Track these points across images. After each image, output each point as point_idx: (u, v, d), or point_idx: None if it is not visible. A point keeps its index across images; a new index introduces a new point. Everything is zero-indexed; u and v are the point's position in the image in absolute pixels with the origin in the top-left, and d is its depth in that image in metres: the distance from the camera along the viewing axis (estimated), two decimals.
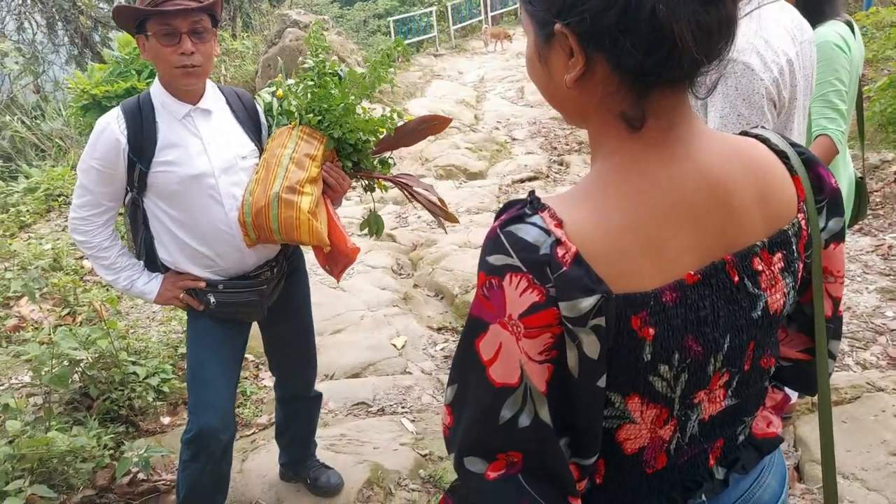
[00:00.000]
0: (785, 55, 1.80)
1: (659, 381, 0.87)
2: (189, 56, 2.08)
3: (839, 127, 2.25)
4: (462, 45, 16.01)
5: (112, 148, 2.11)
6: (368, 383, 3.78)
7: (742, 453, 1.05)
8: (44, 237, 5.42)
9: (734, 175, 0.89)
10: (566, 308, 0.79)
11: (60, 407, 3.22)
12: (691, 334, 0.86)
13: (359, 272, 5.17)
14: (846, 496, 2.52)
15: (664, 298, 0.83)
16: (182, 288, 2.27)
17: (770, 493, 1.09)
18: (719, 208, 0.88)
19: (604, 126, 0.89)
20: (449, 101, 10.27)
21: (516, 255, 0.80)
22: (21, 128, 8.69)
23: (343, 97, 2.25)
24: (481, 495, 0.89)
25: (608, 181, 0.86)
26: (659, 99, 0.85)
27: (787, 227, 0.94)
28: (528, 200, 0.85)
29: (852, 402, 3.00)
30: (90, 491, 2.80)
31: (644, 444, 0.93)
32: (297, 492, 2.87)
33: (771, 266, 0.92)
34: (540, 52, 0.90)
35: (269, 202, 2.14)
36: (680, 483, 0.99)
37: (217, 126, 2.24)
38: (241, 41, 11.62)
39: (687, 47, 0.78)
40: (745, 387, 0.98)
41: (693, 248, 0.86)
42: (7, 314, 4.38)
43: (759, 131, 1.00)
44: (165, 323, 4.28)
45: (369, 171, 2.43)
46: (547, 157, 7.88)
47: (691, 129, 0.89)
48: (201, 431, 2.27)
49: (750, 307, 0.91)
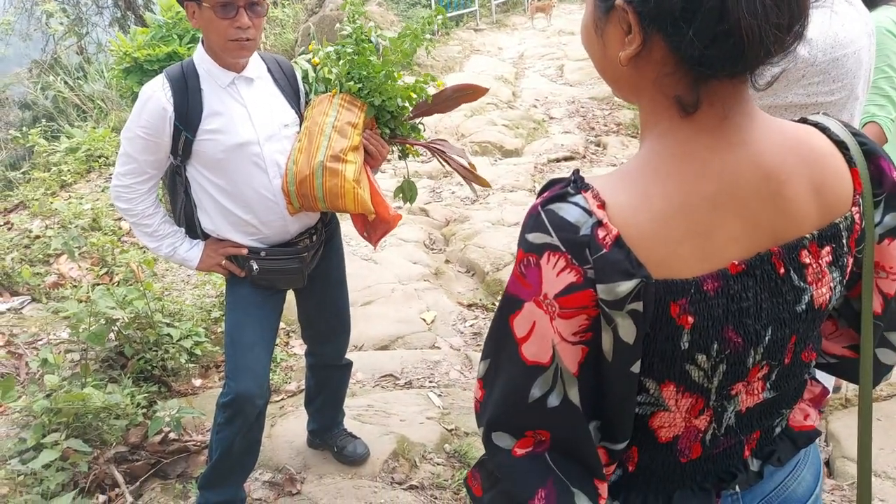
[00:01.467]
0: (852, 45, 1.74)
1: (696, 371, 0.86)
2: (245, 30, 2.08)
3: (889, 114, 2.19)
4: (503, 20, 15.81)
5: (158, 116, 2.11)
6: (397, 356, 3.81)
7: (778, 445, 1.04)
8: (84, 197, 5.51)
9: (789, 165, 0.87)
10: (603, 291, 0.78)
11: (96, 364, 3.29)
12: (732, 325, 0.84)
13: (391, 245, 5.19)
14: (877, 494, 2.48)
15: (705, 287, 0.82)
16: (224, 255, 2.29)
17: (805, 486, 1.08)
18: (770, 198, 0.85)
19: (656, 106, 0.87)
20: (487, 77, 10.16)
21: (556, 235, 0.79)
22: (64, 88, 8.80)
23: (384, 64, 2.24)
24: (508, 470, 0.89)
25: (657, 164, 0.85)
26: (716, 86, 0.82)
27: (839, 220, 0.91)
28: (572, 179, 0.83)
29: (888, 400, 2.95)
30: (123, 447, 2.87)
31: (678, 433, 0.92)
32: (324, 459, 2.91)
33: (819, 259, 0.90)
34: (597, 23, 0.88)
35: (314, 171, 2.15)
36: (714, 473, 0.98)
37: (260, 94, 2.24)
38: (281, 9, 11.61)
39: (754, 43, 0.75)
40: (785, 380, 0.97)
41: (740, 237, 0.84)
42: (47, 271, 4.47)
43: (819, 118, 0.97)
44: (200, 287, 4.34)
45: (404, 138, 2.44)
46: (584, 138, 7.79)
47: (747, 116, 0.86)
48: (238, 396, 2.30)
49: (794, 300, 0.89)
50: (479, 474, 0.98)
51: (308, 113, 2.28)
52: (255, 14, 2.09)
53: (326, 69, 2.33)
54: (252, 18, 2.08)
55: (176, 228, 2.33)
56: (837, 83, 1.74)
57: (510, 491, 0.90)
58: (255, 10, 2.09)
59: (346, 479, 2.80)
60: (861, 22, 1.80)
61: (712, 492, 0.98)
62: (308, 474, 2.84)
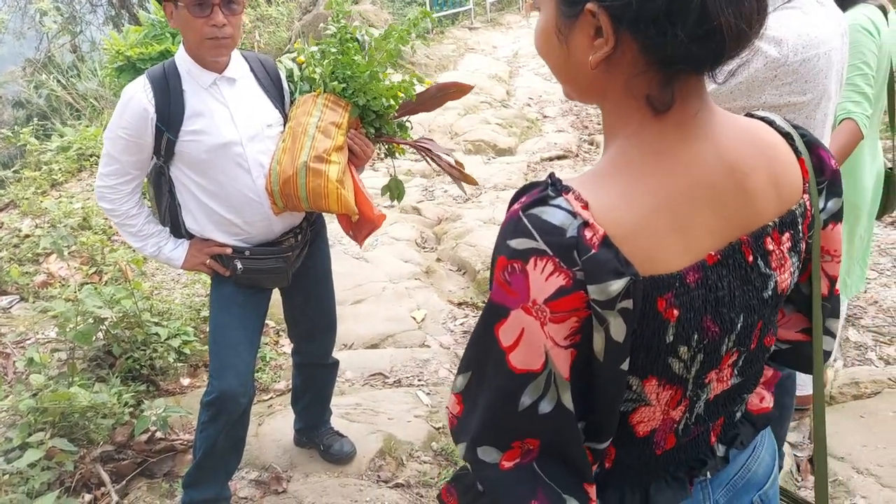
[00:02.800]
0: (824, 45, 1.75)
1: (677, 363, 0.87)
2: (220, 28, 2.07)
3: (865, 111, 2.20)
4: (497, 18, 15.80)
5: (140, 117, 2.11)
6: (386, 354, 3.81)
7: (740, 430, 1.07)
8: (74, 196, 5.50)
9: (748, 156, 0.90)
10: (595, 291, 0.78)
11: (84, 363, 3.29)
12: (710, 315, 0.86)
13: (382, 244, 5.19)
14: (859, 491, 2.49)
15: (688, 279, 0.83)
16: (208, 254, 2.29)
17: (764, 466, 1.11)
18: (736, 189, 0.88)
19: (624, 107, 0.87)
20: (481, 76, 10.16)
21: (541, 239, 0.78)
22: (57, 87, 8.78)
23: (369, 64, 2.24)
24: (496, 485, 0.88)
25: (633, 162, 0.85)
26: (685, 82, 0.84)
27: (795, 207, 0.95)
28: (550, 182, 0.83)
29: (872, 398, 2.96)
30: (109, 446, 2.87)
31: (656, 427, 0.93)
32: (311, 458, 2.91)
33: (780, 246, 0.93)
34: (560, 28, 0.87)
35: (297, 171, 2.15)
36: (685, 462, 1.00)
37: (243, 94, 2.23)
38: (275, 7, 11.59)
39: (732, 38, 0.77)
40: (749, 365, 1.00)
41: (713, 228, 0.86)
42: (36, 270, 4.47)
43: (764, 113, 1.00)
44: (189, 286, 4.34)
45: (391, 137, 2.44)
46: (577, 136, 7.79)
47: (709, 111, 0.88)
48: (222, 394, 2.30)
49: (762, 287, 0.92)
50: (456, 490, 0.98)
51: (292, 113, 2.28)
52: (231, 12, 2.08)
53: (310, 69, 2.33)
54: (228, 16, 2.07)
55: (161, 228, 2.33)
56: (809, 83, 1.75)
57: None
58: (230, 8, 2.08)
59: (332, 477, 2.80)
60: (833, 22, 1.80)
61: (685, 480, 1.00)
62: (294, 473, 2.85)
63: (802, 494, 2.54)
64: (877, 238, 4.49)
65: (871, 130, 2.42)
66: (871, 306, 3.78)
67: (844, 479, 2.55)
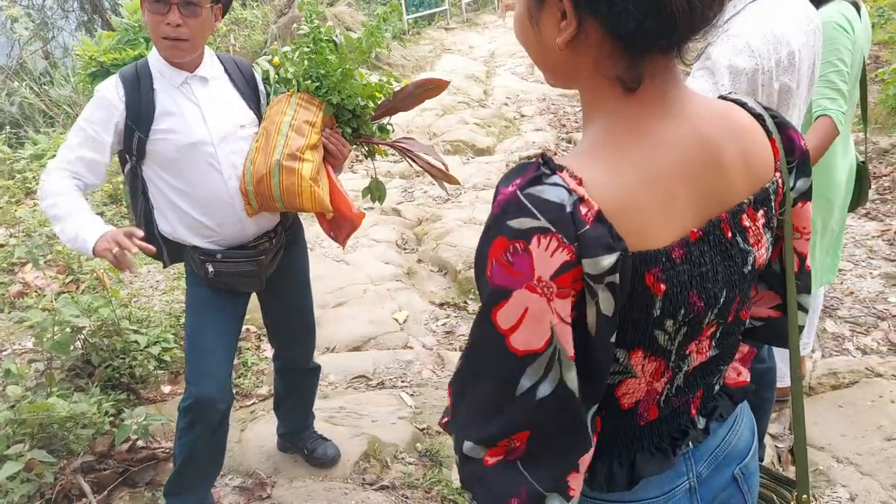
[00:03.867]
0: (787, 46, 1.78)
1: (662, 335, 0.90)
2: (174, 28, 2.05)
3: (840, 108, 2.22)
4: (473, 18, 15.81)
5: (106, 112, 2.11)
6: (369, 357, 3.80)
7: (719, 402, 1.10)
8: None
9: (722, 135, 0.93)
10: (588, 265, 0.79)
11: (62, 373, 3.25)
12: (695, 290, 0.89)
13: (363, 246, 5.17)
14: (840, 480, 2.53)
15: (674, 255, 0.86)
16: (118, 244, 1.98)
17: (744, 440, 1.14)
18: (713, 166, 0.91)
19: (598, 87, 0.90)
20: (459, 76, 10.16)
21: (543, 217, 0.79)
22: (30, 94, 8.66)
23: (340, 62, 2.24)
24: (479, 480, 0.89)
25: (614, 139, 0.87)
26: (653, 62, 0.86)
27: (768, 184, 0.98)
28: (542, 161, 0.84)
29: (850, 387, 3.00)
30: (90, 457, 2.84)
31: (640, 398, 0.95)
32: (295, 462, 2.90)
33: (756, 222, 0.96)
34: (531, 12, 0.90)
35: (271, 170, 2.14)
36: (668, 433, 1.03)
37: (215, 94, 2.23)
38: (250, 10, 11.52)
39: (683, 14, 0.79)
40: (726, 337, 1.03)
41: (693, 205, 0.89)
42: (11, 280, 4.41)
43: (736, 96, 1.04)
44: (168, 293, 4.30)
45: (369, 137, 2.44)
46: (555, 135, 7.82)
47: (681, 91, 0.91)
48: (198, 400, 2.28)
49: (742, 262, 0.95)
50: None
51: (266, 112, 2.28)
52: (190, 13, 2.06)
53: (284, 69, 2.33)
54: (185, 17, 2.05)
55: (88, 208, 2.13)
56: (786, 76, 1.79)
57: (483, 500, 0.90)
58: (188, 9, 2.05)
59: (316, 481, 2.79)
60: (796, 21, 1.83)
61: (669, 451, 1.02)
62: (278, 478, 2.83)
63: None
64: (851, 230, 4.55)
65: (845, 126, 2.45)
66: (847, 297, 3.83)
67: (825, 469, 2.58)
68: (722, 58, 1.73)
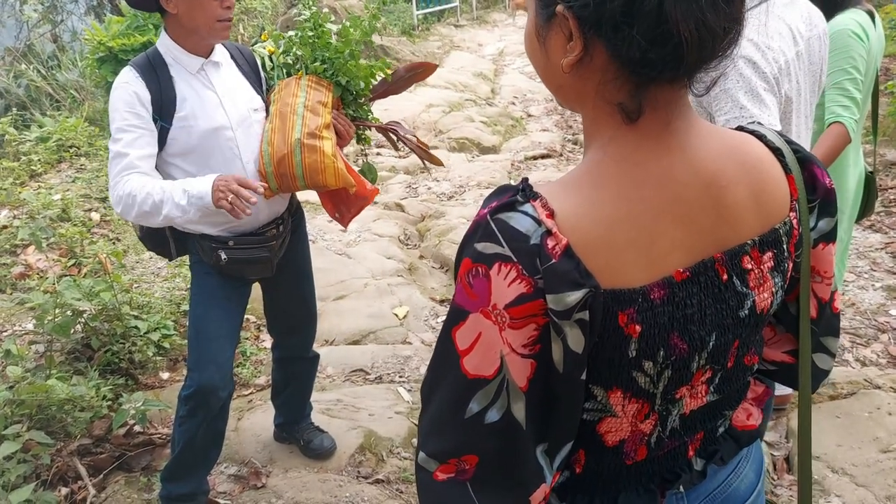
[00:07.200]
0: (783, 55, 1.77)
1: (642, 377, 0.87)
2: (230, 10, 2.10)
3: (853, 115, 2.22)
4: (483, 16, 15.81)
5: (136, 97, 2.09)
6: (368, 351, 3.80)
7: (721, 445, 1.05)
8: (53, 187, 5.43)
9: (728, 172, 0.88)
10: (552, 301, 0.78)
11: (62, 356, 3.26)
12: (677, 332, 0.85)
13: (365, 240, 5.18)
14: (834, 490, 2.53)
15: (652, 296, 0.82)
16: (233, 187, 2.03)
17: (747, 483, 1.09)
18: (711, 205, 0.86)
19: (600, 114, 0.87)
20: (466, 73, 10.18)
21: (507, 245, 0.78)
22: (37, 77, 8.66)
23: (346, 44, 2.31)
24: (428, 492, 0.88)
25: (602, 171, 0.85)
26: (657, 92, 0.83)
27: (779, 225, 0.92)
28: (521, 188, 0.83)
29: (848, 398, 3.00)
30: (87, 440, 2.85)
31: (625, 437, 0.93)
32: (290, 453, 2.91)
33: (761, 265, 0.91)
34: (539, 30, 0.87)
35: (292, 149, 2.16)
36: (658, 474, 0.99)
37: (227, 80, 2.26)
38: (259, 0, 11.51)
39: (692, 46, 0.76)
40: (728, 383, 0.98)
41: (683, 244, 0.85)
42: (14, 262, 4.41)
43: (755, 127, 0.98)
44: (169, 279, 4.30)
45: (363, 120, 2.51)
46: (561, 136, 7.82)
47: (688, 124, 0.87)
48: (201, 388, 2.29)
49: (737, 306, 0.90)
50: None
51: (275, 96, 2.30)
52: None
53: (282, 56, 2.39)
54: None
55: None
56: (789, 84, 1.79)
57: None
58: None
59: (311, 472, 2.80)
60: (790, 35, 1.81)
61: (657, 492, 0.99)
62: (274, 468, 2.84)
63: (778, 493, 2.57)
64: (855, 241, 4.55)
65: (856, 135, 2.44)
66: (848, 308, 3.83)
67: (820, 479, 2.58)
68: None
